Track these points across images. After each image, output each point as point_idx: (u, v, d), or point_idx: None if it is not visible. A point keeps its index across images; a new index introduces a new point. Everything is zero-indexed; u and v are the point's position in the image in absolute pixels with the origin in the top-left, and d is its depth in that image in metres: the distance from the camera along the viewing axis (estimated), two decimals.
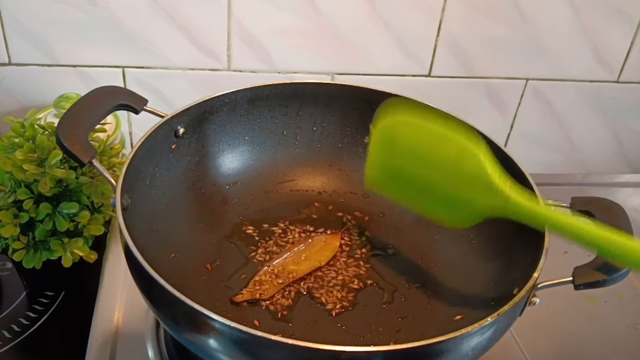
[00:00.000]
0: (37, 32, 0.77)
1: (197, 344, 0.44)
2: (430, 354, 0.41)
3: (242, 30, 0.79)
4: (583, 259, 0.48)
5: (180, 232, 0.60)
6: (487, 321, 0.42)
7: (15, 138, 0.63)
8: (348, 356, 0.39)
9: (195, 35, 0.79)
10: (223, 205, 0.66)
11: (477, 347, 0.43)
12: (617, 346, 0.65)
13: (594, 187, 0.90)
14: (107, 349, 0.58)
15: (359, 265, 0.62)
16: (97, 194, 0.63)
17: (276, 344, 0.39)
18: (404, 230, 0.66)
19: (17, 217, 0.60)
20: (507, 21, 0.81)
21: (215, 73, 0.83)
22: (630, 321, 0.68)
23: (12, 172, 0.60)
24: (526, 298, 0.46)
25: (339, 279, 0.60)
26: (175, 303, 0.42)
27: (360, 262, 0.62)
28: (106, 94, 0.56)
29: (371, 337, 0.54)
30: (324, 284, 0.59)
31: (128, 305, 0.63)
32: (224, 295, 0.57)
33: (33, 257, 0.61)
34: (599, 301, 0.70)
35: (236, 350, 0.41)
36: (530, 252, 0.49)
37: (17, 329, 0.64)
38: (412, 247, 0.64)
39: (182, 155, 0.62)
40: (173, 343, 0.59)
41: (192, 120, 0.62)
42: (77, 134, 0.51)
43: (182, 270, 0.57)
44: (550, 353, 0.63)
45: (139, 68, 0.81)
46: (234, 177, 0.67)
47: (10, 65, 0.79)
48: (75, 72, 0.80)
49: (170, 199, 0.60)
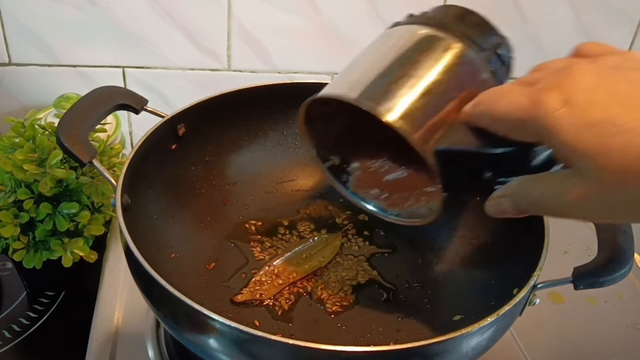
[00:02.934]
0: (38, 32, 0.77)
1: (198, 344, 0.44)
2: (430, 354, 0.41)
3: (242, 30, 0.79)
4: (583, 259, 0.48)
5: (181, 232, 0.60)
6: (487, 321, 0.41)
7: (15, 138, 0.63)
8: (348, 356, 0.39)
9: (195, 35, 0.79)
10: (223, 205, 0.66)
11: (477, 347, 0.43)
12: (617, 346, 0.65)
13: None
14: (107, 349, 0.58)
15: (359, 265, 0.62)
16: (98, 194, 0.63)
17: (276, 344, 0.39)
18: (404, 230, 0.66)
19: (17, 217, 0.60)
20: (507, 21, 0.81)
21: (215, 73, 0.83)
22: (630, 321, 0.68)
23: (12, 172, 0.60)
24: (526, 298, 0.46)
25: (339, 279, 0.60)
26: (176, 303, 0.42)
27: (360, 262, 0.62)
28: (106, 94, 0.56)
29: (371, 337, 0.54)
30: (324, 284, 0.59)
31: (128, 305, 0.63)
32: (224, 295, 0.57)
33: (33, 257, 0.61)
34: (599, 301, 0.70)
35: (236, 350, 0.41)
36: (530, 251, 0.49)
37: (17, 328, 0.64)
38: (412, 247, 0.64)
39: (182, 155, 0.62)
40: (173, 343, 0.59)
41: (192, 120, 0.62)
42: (78, 134, 0.51)
43: (182, 270, 0.57)
44: (550, 353, 0.63)
45: (139, 68, 0.81)
46: (234, 177, 0.67)
47: (10, 65, 0.79)
48: (76, 72, 0.80)
49: (170, 198, 0.60)
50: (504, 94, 0.36)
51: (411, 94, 0.41)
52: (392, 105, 0.40)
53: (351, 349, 0.39)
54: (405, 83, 0.41)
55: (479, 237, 0.60)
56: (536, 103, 0.33)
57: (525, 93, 0.34)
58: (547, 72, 0.36)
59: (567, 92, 0.32)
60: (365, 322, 0.56)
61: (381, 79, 0.42)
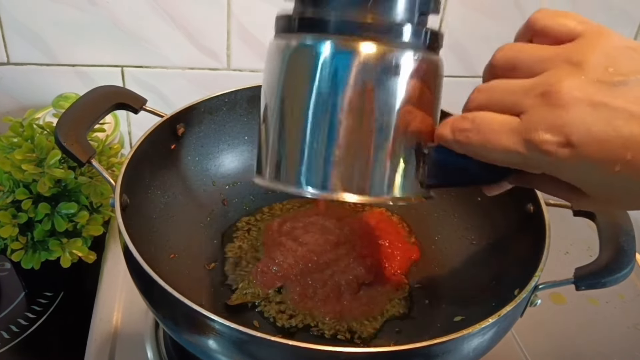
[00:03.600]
0: (36, 31, 0.76)
1: (197, 345, 0.44)
2: (431, 354, 0.40)
3: (242, 29, 0.79)
4: (584, 260, 0.48)
5: (180, 232, 0.60)
6: (488, 322, 0.41)
7: (13, 138, 0.63)
8: (347, 357, 0.38)
9: (194, 34, 0.79)
10: (223, 205, 0.66)
11: (478, 348, 0.43)
12: (618, 347, 0.65)
13: None
14: (106, 349, 0.58)
15: (359, 265, 0.61)
16: (96, 194, 0.63)
17: (276, 345, 0.39)
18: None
19: (15, 217, 0.60)
20: (509, 21, 0.81)
21: (214, 72, 0.82)
22: (631, 322, 0.68)
23: (10, 172, 0.60)
24: (527, 299, 0.46)
25: (339, 279, 0.59)
26: (175, 304, 0.41)
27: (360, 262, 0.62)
28: (105, 94, 0.56)
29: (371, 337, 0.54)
30: (324, 284, 0.59)
31: (127, 305, 0.63)
32: (224, 296, 0.57)
33: (32, 257, 0.61)
34: (600, 302, 0.70)
35: (236, 351, 0.41)
36: (531, 252, 0.49)
37: (15, 329, 0.64)
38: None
39: (182, 155, 0.62)
40: (172, 344, 0.59)
41: (191, 120, 0.61)
42: (76, 134, 0.51)
43: (181, 270, 0.57)
44: (552, 354, 0.63)
45: (138, 67, 0.81)
46: (234, 177, 0.67)
47: (8, 65, 0.79)
48: (74, 71, 0.80)
49: (169, 199, 0.60)
50: (493, 131, 0.33)
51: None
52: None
53: (351, 349, 0.39)
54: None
55: (480, 238, 0.60)
56: (533, 146, 0.32)
57: (516, 134, 0.32)
58: (523, 88, 0.33)
59: (562, 132, 0.31)
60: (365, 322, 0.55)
61: (313, 153, 0.35)
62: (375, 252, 0.61)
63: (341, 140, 0.35)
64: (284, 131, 0.36)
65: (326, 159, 0.35)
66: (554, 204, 0.53)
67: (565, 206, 0.53)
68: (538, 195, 0.53)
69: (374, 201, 0.37)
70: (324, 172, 0.36)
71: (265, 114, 0.38)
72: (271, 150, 0.37)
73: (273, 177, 0.37)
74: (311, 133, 0.35)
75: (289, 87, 0.36)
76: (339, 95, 0.34)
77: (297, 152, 0.36)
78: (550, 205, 0.53)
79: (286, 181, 0.37)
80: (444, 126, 0.36)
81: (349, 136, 0.35)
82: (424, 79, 0.36)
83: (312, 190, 0.36)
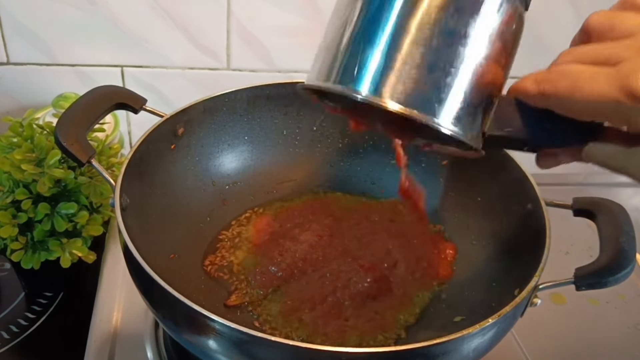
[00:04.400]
0: (36, 31, 0.76)
1: (197, 345, 0.44)
2: (431, 355, 0.40)
3: (242, 29, 0.79)
4: (585, 260, 0.48)
5: (180, 232, 0.60)
6: (488, 322, 0.41)
7: (13, 138, 0.63)
8: (348, 357, 0.38)
9: (194, 34, 0.79)
10: (223, 205, 0.66)
11: (478, 349, 0.43)
12: (618, 347, 0.65)
13: (595, 187, 0.90)
14: (105, 349, 0.58)
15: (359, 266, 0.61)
16: (96, 194, 0.63)
17: (276, 345, 0.39)
18: (405, 231, 0.65)
19: (15, 217, 0.60)
20: None
21: (214, 72, 0.82)
22: (632, 322, 0.68)
23: (10, 172, 0.60)
24: (527, 299, 0.46)
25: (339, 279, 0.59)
26: (175, 304, 0.41)
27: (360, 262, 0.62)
28: (105, 94, 0.56)
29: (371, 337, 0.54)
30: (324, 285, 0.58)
31: (127, 305, 0.63)
32: (223, 296, 0.57)
33: (31, 257, 0.61)
34: (600, 302, 0.70)
35: (236, 351, 0.41)
36: (531, 252, 0.49)
37: (15, 329, 0.63)
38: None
39: (182, 155, 0.62)
40: (172, 344, 0.58)
41: (191, 120, 0.61)
42: (76, 134, 0.51)
43: (181, 270, 0.57)
44: (552, 354, 0.63)
45: (138, 67, 0.81)
46: (234, 177, 0.67)
47: (8, 65, 0.79)
48: (74, 71, 0.80)
49: (169, 199, 0.60)
50: (585, 79, 0.33)
51: (453, 83, 0.34)
52: (435, 106, 0.34)
53: (352, 350, 0.39)
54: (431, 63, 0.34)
55: (480, 239, 0.60)
56: (629, 92, 0.31)
57: (611, 79, 0.32)
58: (620, 44, 0.33)
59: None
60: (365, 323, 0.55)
61: (400, 63, 0.34)
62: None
63: (427, 54, 0.34)
64: (367, 35, 0.35)
65: (403, 72, 0.34)
66: (554, 204, 0.53)
67: (565, 206, 0.53)
68: (538, 195, 0.53)
69: (434, 125, 0.35)
70: (412, 86, 0.34)
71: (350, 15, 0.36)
72: (347, 54, 0.35)
73: (340, 80, 0.35)
74: (398, 43, 0.34)
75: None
76: (441, 11, 0.34)
77: (378, 58, 0.35)
78: (550, 205, 0.53)
79: (362, 87, 0.35)
80: (525, 80, 0.36)
81: (432, 54, 0.34)
82: (516, 31, 0.36)
83: (389, 101, 0.34)
